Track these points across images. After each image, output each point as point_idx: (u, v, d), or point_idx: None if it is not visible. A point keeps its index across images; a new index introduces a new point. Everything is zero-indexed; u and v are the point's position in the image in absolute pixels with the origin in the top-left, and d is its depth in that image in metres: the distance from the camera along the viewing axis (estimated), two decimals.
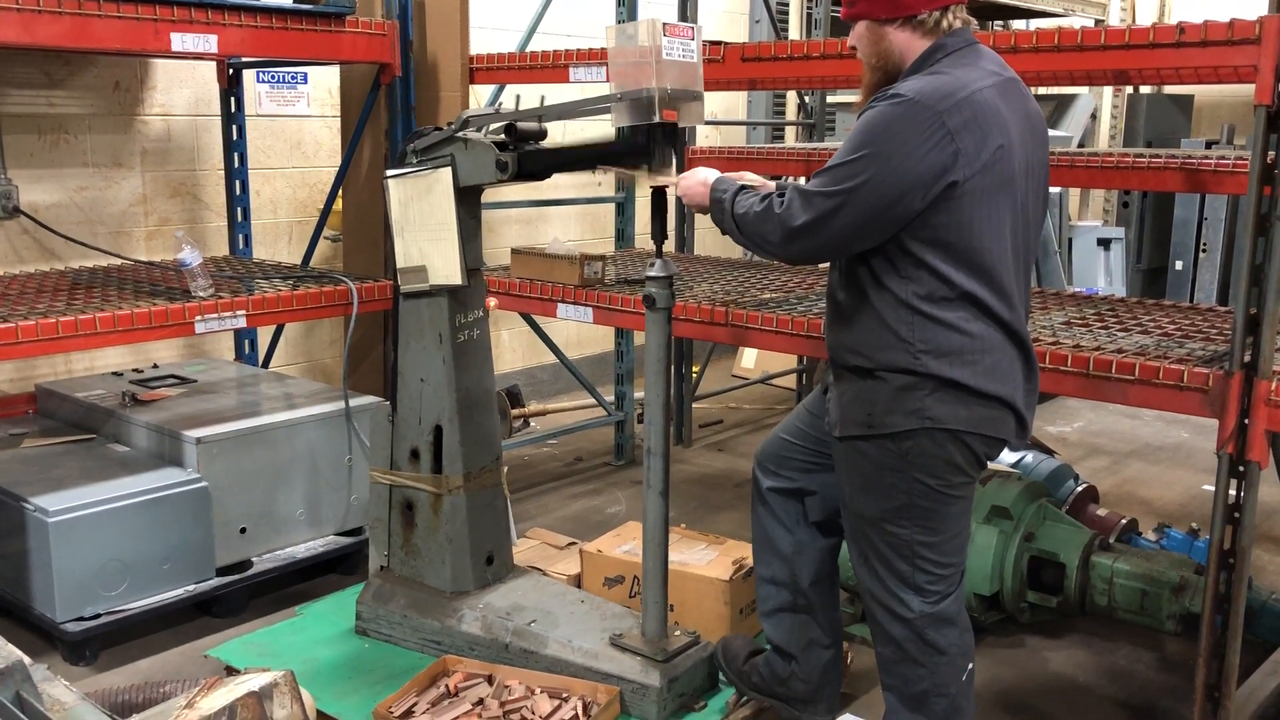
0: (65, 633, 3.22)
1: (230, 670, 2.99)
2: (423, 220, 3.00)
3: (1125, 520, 3.80)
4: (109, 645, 3.35)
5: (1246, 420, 2.62)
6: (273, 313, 3.75)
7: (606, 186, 5.88)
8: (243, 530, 3.58)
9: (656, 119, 2.56)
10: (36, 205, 4.32)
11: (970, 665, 2.47)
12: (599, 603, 3.15)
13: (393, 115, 4.21)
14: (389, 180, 3.03)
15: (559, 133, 2.97)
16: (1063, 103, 7.96)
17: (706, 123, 6.71)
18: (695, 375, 5.76)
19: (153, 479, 3.41)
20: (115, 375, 4.28)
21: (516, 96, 3.10)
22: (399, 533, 3.22)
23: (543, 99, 3.03)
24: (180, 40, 3.35)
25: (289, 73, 5.04)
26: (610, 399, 5.37)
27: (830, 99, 6.32)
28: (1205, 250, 7.24)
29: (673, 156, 2.67)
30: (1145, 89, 8.09)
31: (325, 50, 3.82)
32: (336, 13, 3.76)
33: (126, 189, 4.62)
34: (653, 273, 2.77)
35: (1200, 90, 8.04)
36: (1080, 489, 3.93)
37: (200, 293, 3.61)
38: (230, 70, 4.65)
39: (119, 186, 4.60)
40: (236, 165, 4.74)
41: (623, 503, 4.72)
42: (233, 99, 4.69)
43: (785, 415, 2.87)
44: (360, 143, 4.42)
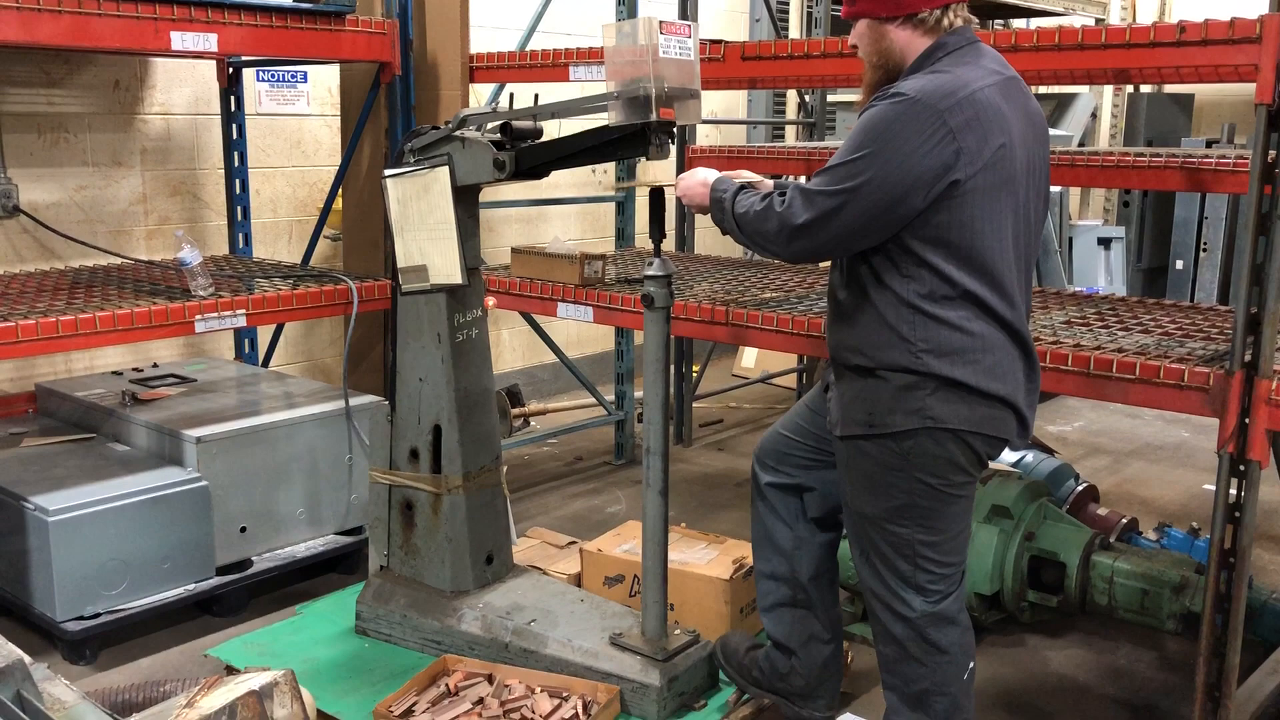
0: (65, 632, 3.22)
1: (230, 669, 2.99)
2: (422, 219, 3.00)
3: (1126, 519, 3.80)
4: (109, 644, 3.35)
5: (1247, 419, 2.62)
6: (273, 312, 3.75)
7: (606, 185, 5.88)
8: (243, 529, 3.58)
9: (653, 117, 2.56)
10: (36, 204, 4.32)
11: (971, 664, 2.47)
12: (599, 602, 3.15)
13: (393, 114, 4.20)
14: (387, 180, 3.02)
15: (557, 133, 2.96)
16: (1063, 102, 7.96)
17: (706, 121, 6.71)
18: (695, 374, 5.75)
19: (153, 478, 3.41)
20: (115, 374, 4.28)
21: (511, 95, 3.09)
22: (399, 532, 3.22)
23: (536, 97, 3.03)
24: (180, 39, 3.35)
25: (289, 71, 5.04)
26: (610, 398, 5.37)
27: (831, 98, 6.32)
28: (1206, 249, 7.24)
29: (669, 145, 2.67)
30: (1146, 88, 8.09)
31: (325, 49, 3.82)
32: (336, 11, 3.76)
33: (126, 188, 4.62)
34: (651, 272, 2.77)
35: (1201, 89, 8.04)
36: (1081, 488, 3.93)
37: (200, 292, 3.60)
38: (230, 69, 4.65)
39: (119, 185, 4.60)
40: (236, 164, 4.74)
41: (623, 502, 4.72)
42: (233, 98, 4.69)
43: (787, 412, 2.86)
44: (360, 142, 4.41)
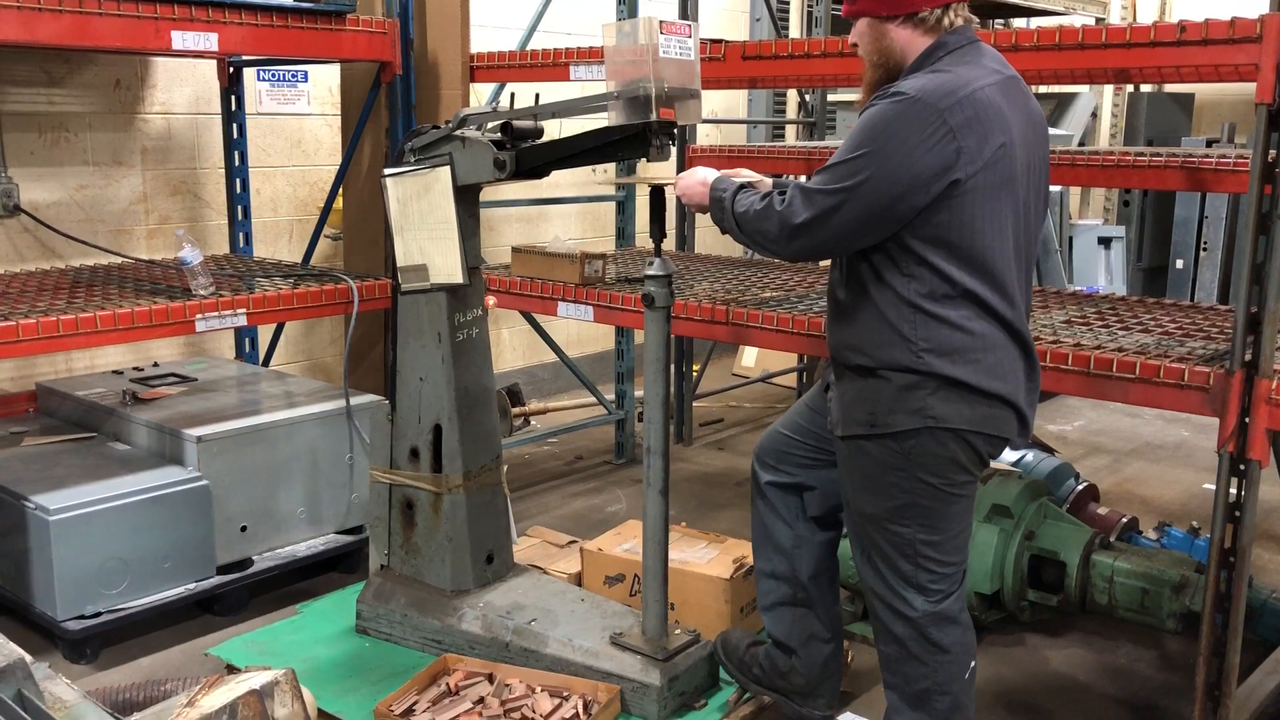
0: (66, 631, 3.22)
1: (231, 669, 3.00)
2: (422, 219, 3.00)
3: (1126, 519, 3.80)
4: (110, 643, 3.35)
5: (1247, 419, 2.62)
6: (273, 311, 3.75)
7: (607, 184, 5.87)
8: (243, 529, 3.58)
9: (653, 117, 2.56)
10: (37, 203, 4.32)
11: (972, 663, 2.48)
12: (599, 601, 3.15)
13: (393, 114, 4.20)
14: (387, 179, 3.02)
15: (557, 133, 2.96)
16: (1063, 101, 7.95)
17: (707, 121, 6.71)
18: (696, 374, 5.76)
19: (153, 477, 3.41)
20: (116, 374, 4.28)
21: (511, 95, 3.09)
22: (399, 532, 3.22)
23: (537, 97, 3.03)
24: (181, 38, 3.35)
25: (289, 71, 5.04)
26: (611, 397, 5.37)
27: (831, 97, 6.32)
28: (1206, 249, 7.24)
29: (670, 146, 2.67)
30: (1146, 87, 8.09)
31: (326, 48, 3.82)
32: (337, 11, 3.76)
33: (127, 187, 4.62)
34: (651, 271, 2.77)
35: (1201, 89, 8.04)
36: (1081, 487, 3.93)
37: (201, 291, 3.60)
38: (231, 68, 4.65)
39: (119, 185, 4.60)
40: (237, 163, 4.73)
41: (623, 501, 4.72)
42: (233, 97, 4.69)
43: (787, 411, 2.87)
44: (361, 141, 4.42)
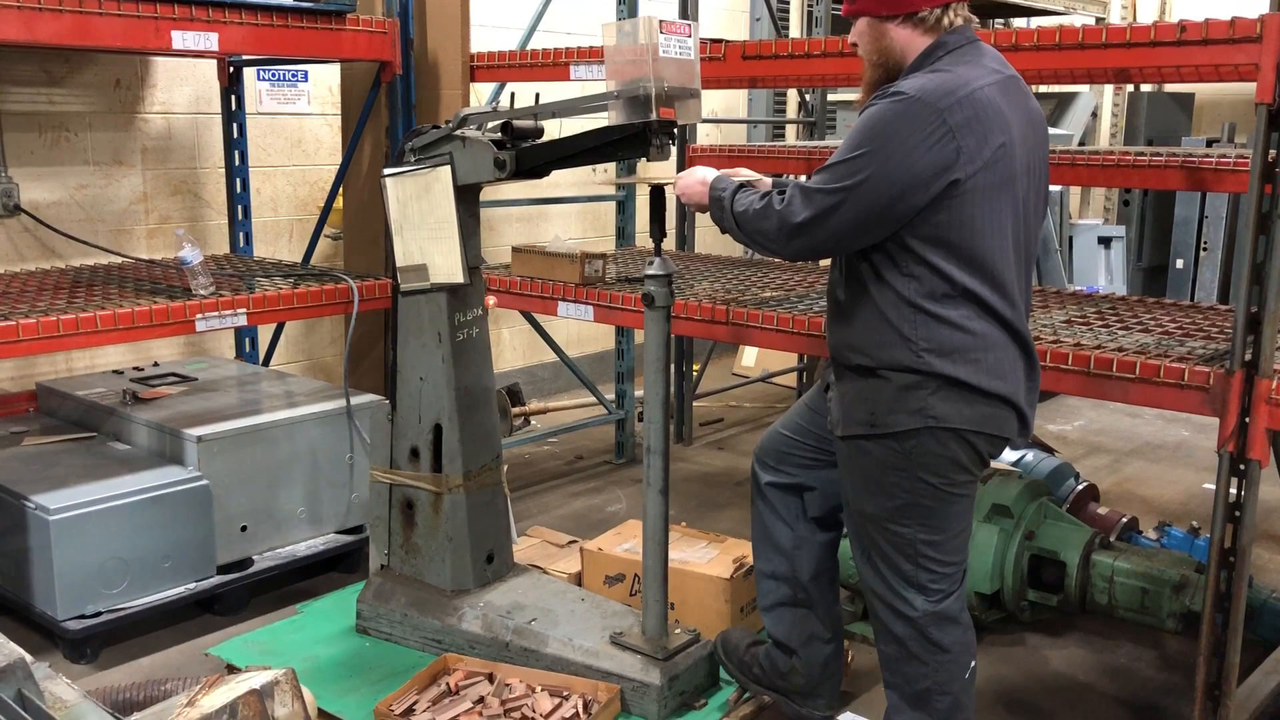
0: (66, 630, 3.22)
1: (231, 668, 3.00)
2: (422, 219, 3.00)
3: (1126, 518, 3.80)
4: (110, 643, 3.35)
5: (1247, 419, 2.62)
6: (273, 311, 3.75)
7: (607, 184, 5.87)
8: (243, 528, 3.58)
9: (653, 117, 2.56)
10: (37, 203, 4.32)
11: (973, 663, 2.48)
12: (599, 601, 3.15)
13: (393, 113, 4.21)
14: (387, 179, 3.02)
15: (558, 133, 2.96)
16: (1063, 101, 7.95)
17: (707, 121, 6.71)
18: (696, 373, 5.76)
19: (153, 477, 3.41)
20: (116, 373, 4.28)
21: (512, 95, 3.09)
22: (399, 531, 3.22)
23: (537, 97, 3.03)
24: (181, 38, 3.35)
25: (290, 70, 5.04)
26: (611, 397, 5.37)
27: (831, 97, 6.32)
28: (1206, 249, 7.24)
29: (670, 146, 2.67)
30: (1146, 87, 8.09)
31: (326, 48, 3.82)
32: (337, 10, 3.76)
33: (127, 187, 4.62)
34: (651, 271, 2.77)
35: (1201, 88, 8.04)
36: (1081, 487, 3.93)
37: (201, 291, 3.60)
38: (231, 68, 4.65)
39: (120, 184, 4.60)
40: (237, 163, 4.74)
41: (623, 501, 4.72)
42: (233, 97, 4.69)
43: (786, 411, 2.87)
44: (361, 141, 4.42)
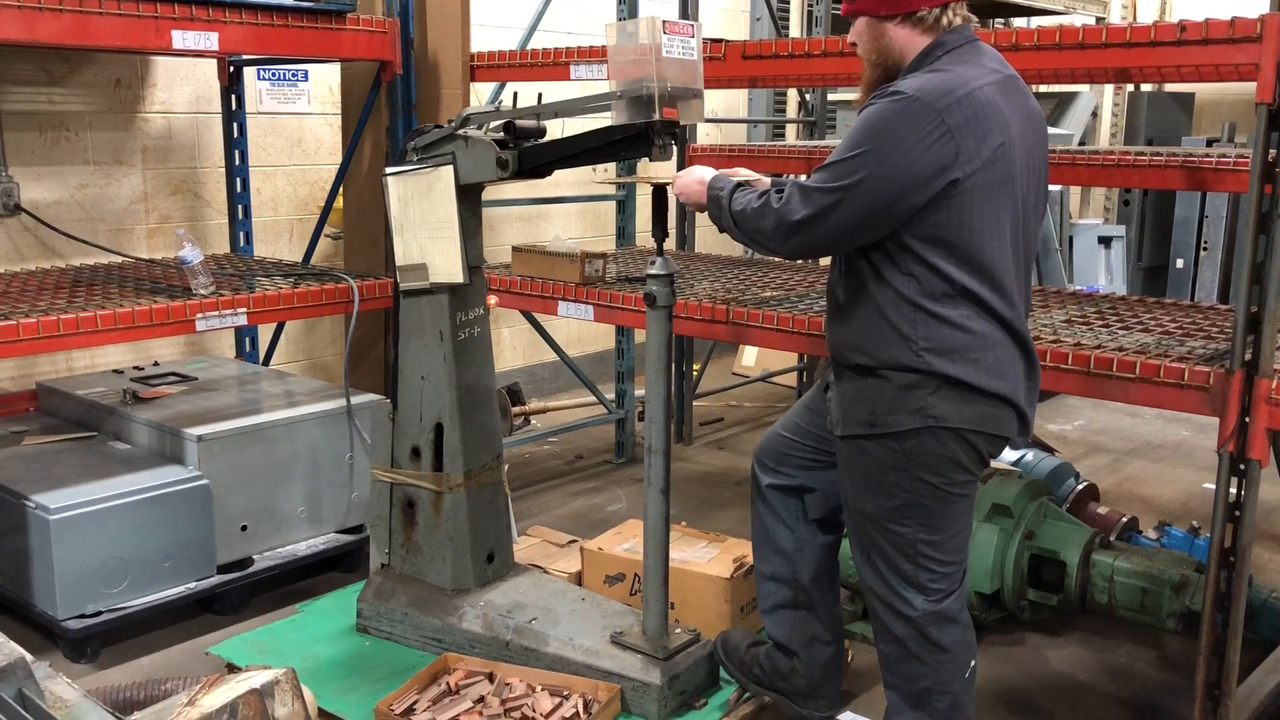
0: (67, 630, 3.22)
1: (231, 668, 3.00)
2: (423, 218, 3.00)
3: (1126, 518, 3.80)
4: (110, 643, 3.35)
5: (1247, 418, 2.62)
6: (273, 310, 3.75)
7: (607, 184, 5.87)
8: (244, 528, 3.58)
9: (656, 117, 2.56)
10: (37, 203, 4.32)
11: (972, 663, 2.48)
12: (600, 600, 3.15)
13: (394, 113, 4.21)
14: (388, 178, 3.02)
15: (559, 132, 2.96)
16: (1064, 101, 7.95)
17: (707, 120, 6.71)
18: (696, 373, 5.76)
19: (154, 476, 3.41)
20: (116, 373, 4.28)
21: (514, 94, 3.10)
22: (400, 530, 3.22)
23: (540, 96, 3.03)
24: (181, 38, 3.35)
25: (290, 70, 5.04)
26: (611, 397, 5.37)
27: (831, 97, 6.32)
28: (1206, 248, 7.24)
29: (673, 146, 2.67)
30: (1146, 87, 8.09)
31: (326, 48, 3.82)
32: (337, 10, 3.76)
33: (127, 186, 4.62)
34: (654, 271, 2.77)
35: (1201, 88, 8.04)
36: (1081, 487, 3.93)
37: (201, 290, 3.60)
38: (231, 68, 4.65)
39: (120, 184, 4.60)
40: (237, 163, 4.74)
41: (623, 500, 4.72)
42: (233, 96, 4.69)
43: (786, 412, 2.87)
44: (361, 140, 4.42)
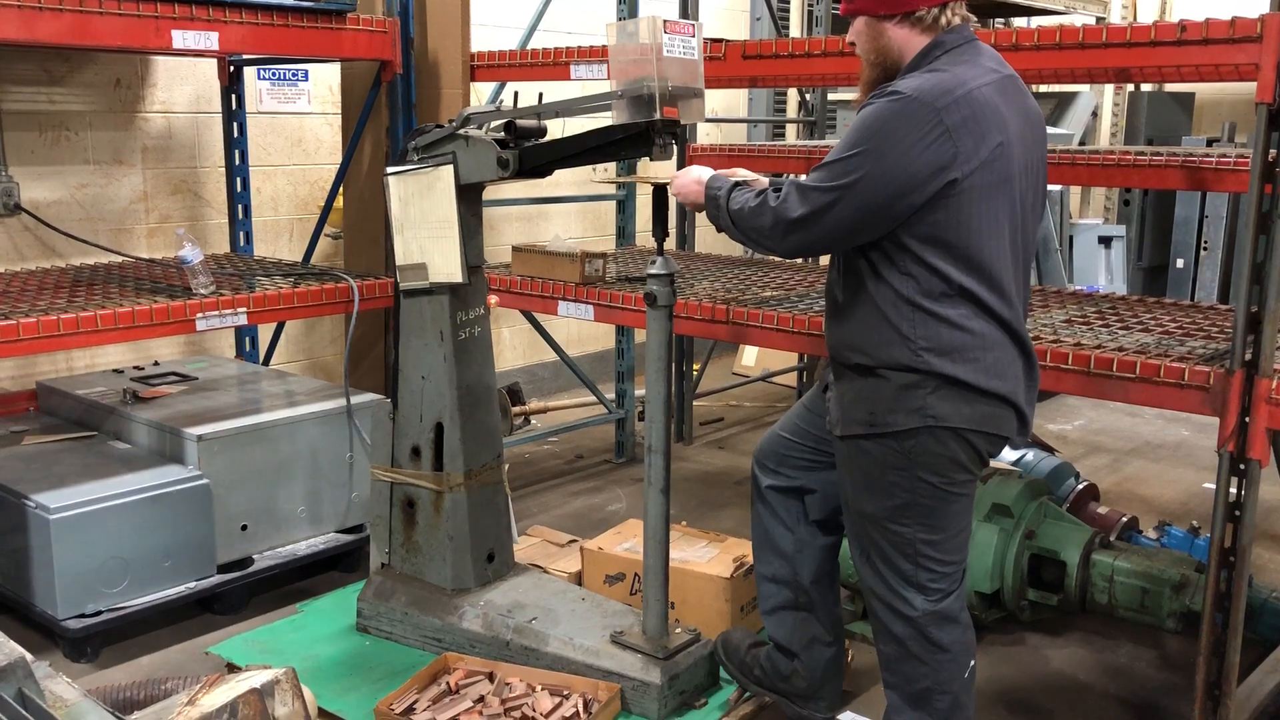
0: (66, 630, 3.22)
1: (231, 667, 3.00)
2: (424, 217, 3.00)
3: (1126, 518, 3.80)
4: (110, 642, 3.35)
5: (1247, 418, 2.62)
6: (274, 310, 3.75)
7: (607, 184, 5.87)
8: (244, 527, 3.59)
9: (657, 116, 2.56)
10: (37, 202, 4.32)
11: (972, 663, 2.48)
12: (600, 600, 3.16)
13: (394, 113, 4.21)
14: (389, 177, 3.03)
15: (559, 132, 2.96)
16: (1064, 100, 7.95)
17: (707, 120, 6.70)
18: (696, 373, 5.76)
19: (154, 476, 3.41)
20: (116, 372, 4.28)
21: (515, 94, 3.10)
22: (400, 530, 3.22)
23: (540, 96, 3.03)
24: (181, 37, 3.35)
25: (290, 70, 5.04)
26: (611, 396, 5.37)
27: (831, 96, 6.32)
28: (1206, 248, 7.24)
29: (673, 146, 2.67)
30: (1146, 87, 8.08)
31: (326, 47, 3.82)
32: (337, 10, 3.76)
33: (127, 186, 4.62)
34: (654, 270, 2.77)
35: (1201, 88, 8.04)
36: (1081, 487, 3.94)
37: (201, 290, 3.61)
38: (231, 67, 4.65)
39: (120, 184, 4.60)
40: (237, 162, 4.74)
41: (623, 500, 4.72)
42: (234, 96, 4.69)
43: (785, 413, 2.87)
44: (361, 140, 4.42)
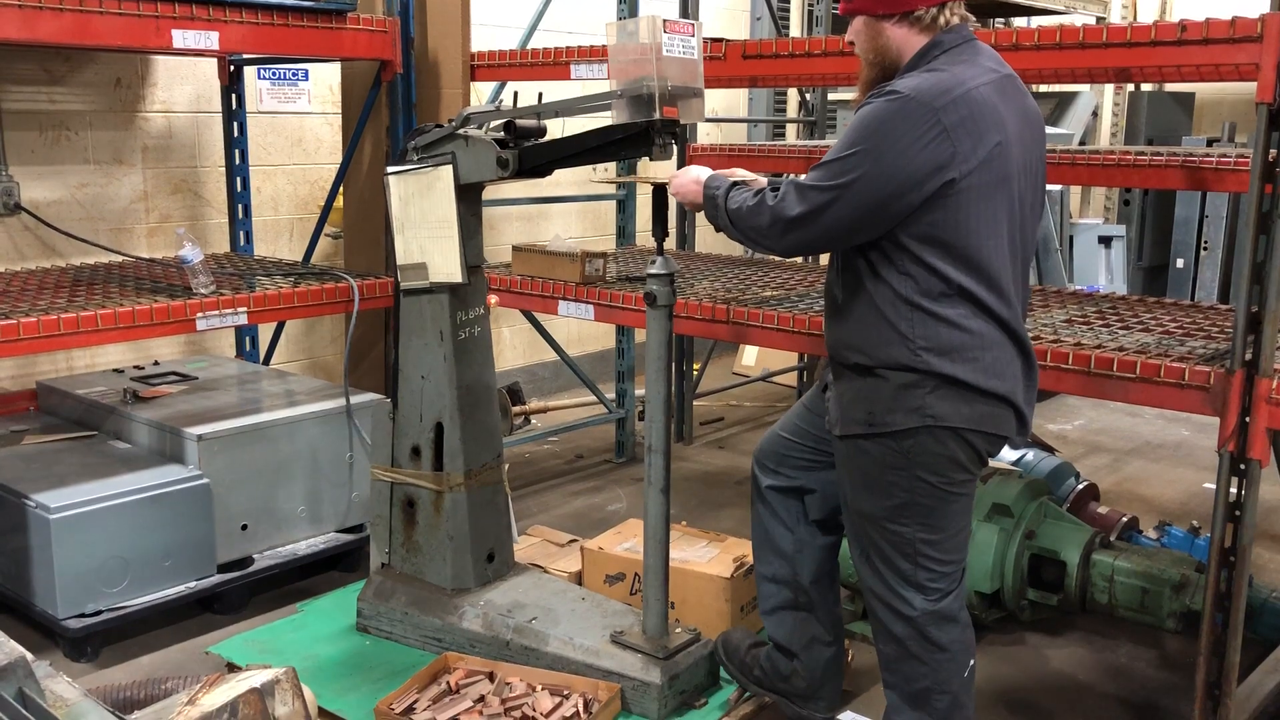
0: (67, 629, 3.22)
1: (232, 667, 3.00)
2: (423, 217, 3.00)
3: (1126, 518, 3.80)
4: (110, 642, 3.35)
5: (1247, 418, 2.62)
6: (274, 310, 3.75)
7: (607, 183, 5.87)
8: (244, 527, 3.59)
9: (657, 116, 2.56)
10: (38, 202, 4.32)
11: (972, 662, 2.48)
12: (600, 600, 3.16)
13: (394, 112, 4.21)
14: (389, 177, 3.03)
15: (559, 131, 2.96)
16: (1064, 100, 7.95)
17: (708, 120, 6.71)
18: (696, 373, 5.76)
19: (154, 476, 3.41)
20: (116, 372, 4.28)
21: (515, 94, 3.10)
22: (400, 530, 3.22)
23: (540, 96, 3.03)
24: (181, 37, 3.35)
25: (290, 69, 5.04)
26: (611, 396, 5.37)
27: (831, 96, 6.32)
28: (1206, 248, 7.24)
29: (673, 146, 2.68)
30: (1146, 86, 8.08)
31: (326, 47, 3.82)
32: (338, 9, 3.76)
33: (128, 186, 4.62)
34: (654, 270, 2.77)
35: (1201, 88, 8.04)
36: (1081, 487, 3.93)
37: (201, 290, 3.61)
38: (231, 67, 4.65)
39: (120, 183, 4.60)
40: (238, 162, 4.74)
41: (623, 500, 4.72)
42: (234, 96, 4.69)
43: (785, 413, 2.87)
44: (361, 140, 4.42)
